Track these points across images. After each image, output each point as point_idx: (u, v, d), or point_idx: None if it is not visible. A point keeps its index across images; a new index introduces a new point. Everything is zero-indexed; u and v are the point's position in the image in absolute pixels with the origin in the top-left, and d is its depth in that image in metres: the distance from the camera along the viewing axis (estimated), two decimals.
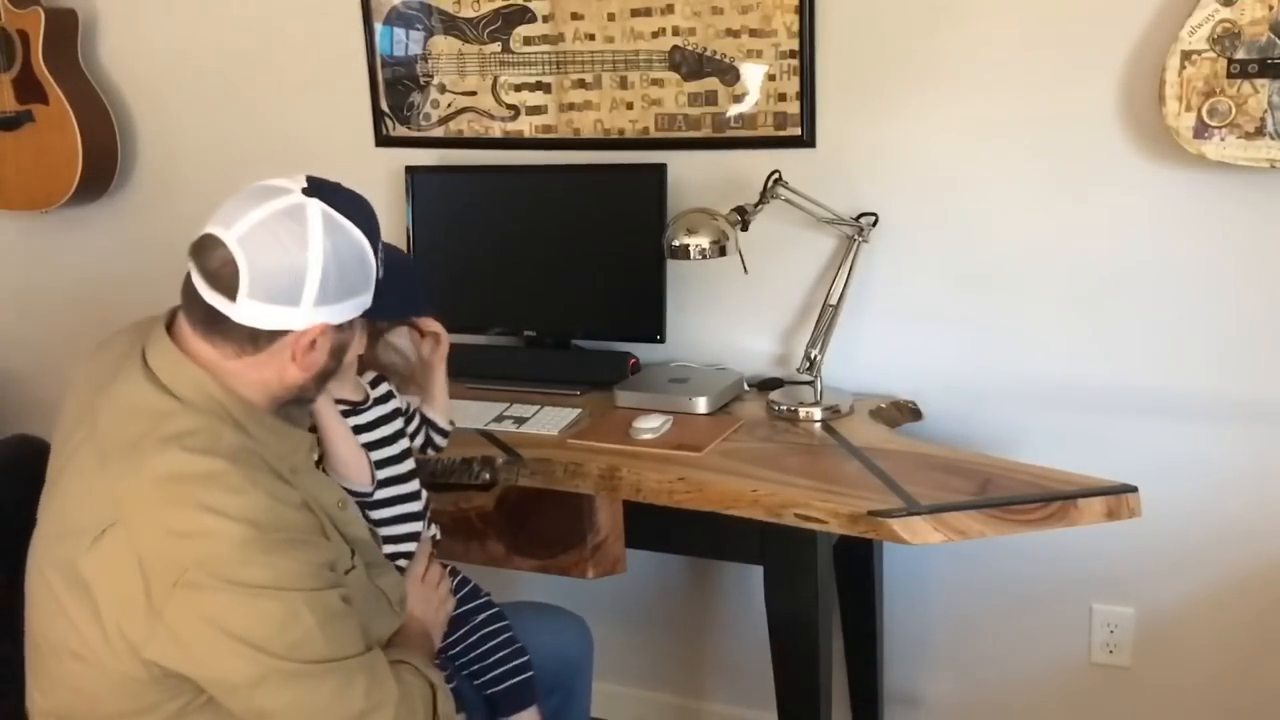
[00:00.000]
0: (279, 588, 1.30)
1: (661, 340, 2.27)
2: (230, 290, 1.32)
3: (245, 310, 1.33)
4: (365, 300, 1.42)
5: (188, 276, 1.36)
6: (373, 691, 1.37)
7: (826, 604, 1.91)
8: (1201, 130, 1.87)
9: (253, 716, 1.34)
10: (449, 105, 2.49)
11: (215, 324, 1.35)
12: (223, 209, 1.35)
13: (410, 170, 2.44)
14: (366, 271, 1.40)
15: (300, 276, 1.32)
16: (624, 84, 2.33)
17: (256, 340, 1.36)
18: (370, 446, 1.60)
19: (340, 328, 1.41)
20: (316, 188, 1.36)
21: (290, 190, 1.35)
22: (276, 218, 1.32)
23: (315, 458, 1.52)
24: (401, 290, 1.49)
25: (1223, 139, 1.86)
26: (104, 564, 1.30)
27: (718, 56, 2.24)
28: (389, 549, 1.62)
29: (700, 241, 2.02)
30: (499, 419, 2.13)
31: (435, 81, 2.49)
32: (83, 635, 1.33)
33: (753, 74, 2.22)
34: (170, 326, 1.41)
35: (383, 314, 1.51)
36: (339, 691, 1.34)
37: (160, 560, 1.27)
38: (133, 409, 1.37)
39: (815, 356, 2.14)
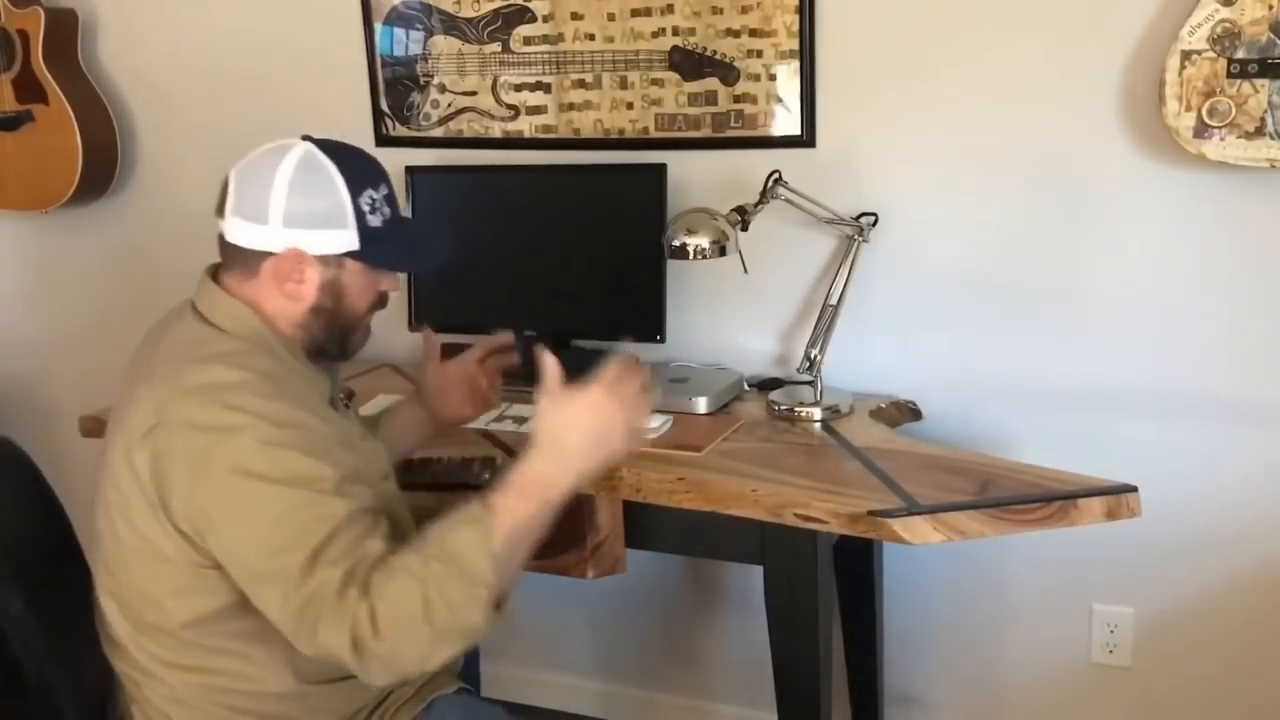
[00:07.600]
0: (291, 485, 1.36)
1: (661, 340, 2.27)
2: (221, 208, 1.51)
3: (230, 227, 1.49)
4: (348, 238, 1.48)
5: None
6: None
7: (826, 604, 1.91)
8: (1201, 130, 1.87)
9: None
10: (449, 105, 2.49)
11: (222, 250, 1.52)
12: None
13: (410, 170, 2.43)
14: (339, 206, 1.47)
15: (266, 194, 1.46)
16: (624, 84, 2.33)
17: (248, 261, 1.49)
18: None
19: (326, 262, 1.49)
20: (314, 139, 1.51)
21: (293, 140, 1.51)
22: (267, 151, 1.51)
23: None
24: (404, 244, 1.56)
25: (1223, 139, 1.86)
26: (149, 458, 1.40)
27: (718, 56, 2.24)
28: None
29: (700, 241, 2.02)
30: (499, 419, 2.13)
31: (435, 81, 2.49)
32: (135, 525, 1.44)
33: (753, 74, 2.22)
34: (215, 277, 1.54)
35: (380, 261, 1.54)
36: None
37: (189, 450, 1.38)
38: (179, 339, 1.50)
39: (815, 356, 2.13)
